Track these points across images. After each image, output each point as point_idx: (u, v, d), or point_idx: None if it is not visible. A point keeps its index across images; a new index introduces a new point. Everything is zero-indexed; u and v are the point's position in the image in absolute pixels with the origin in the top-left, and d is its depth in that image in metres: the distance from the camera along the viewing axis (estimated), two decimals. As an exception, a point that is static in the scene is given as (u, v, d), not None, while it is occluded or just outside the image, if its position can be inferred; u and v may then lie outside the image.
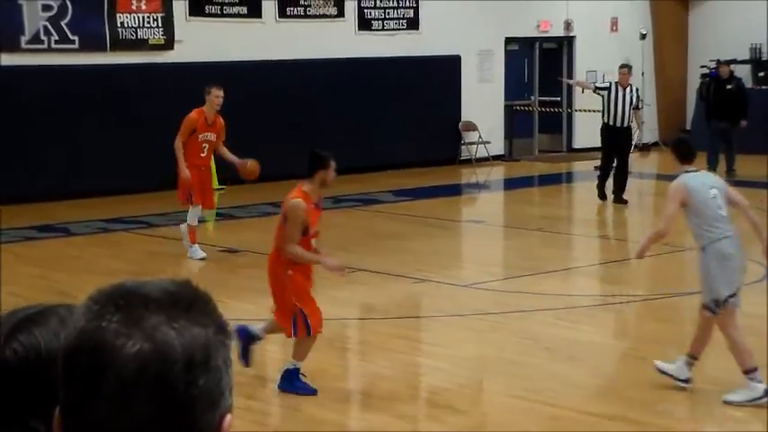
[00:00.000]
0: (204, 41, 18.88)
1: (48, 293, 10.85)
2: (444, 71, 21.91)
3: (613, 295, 11.69)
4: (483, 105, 22.49)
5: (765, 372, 7.82)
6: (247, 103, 18.89)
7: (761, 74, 23.50)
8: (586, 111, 23.24)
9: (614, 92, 17.19)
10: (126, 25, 18.32)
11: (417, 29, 21.72)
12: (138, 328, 1.35)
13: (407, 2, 21.60)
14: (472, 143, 22.31)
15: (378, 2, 21.24)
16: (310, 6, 20.33)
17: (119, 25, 18.23)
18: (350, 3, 20.84)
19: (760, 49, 23.54)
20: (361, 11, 21.02)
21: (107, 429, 1.36)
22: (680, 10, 25.28)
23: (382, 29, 21.35)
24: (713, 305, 7.87)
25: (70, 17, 17.68)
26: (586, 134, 23.76)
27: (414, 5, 21.64)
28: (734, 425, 7.67)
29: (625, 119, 17.21)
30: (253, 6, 19.66)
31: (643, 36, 24.26)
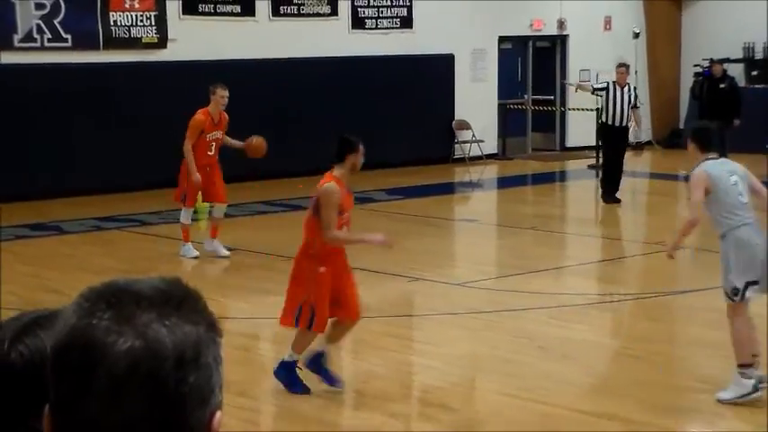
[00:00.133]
0: (197, 40, 18.87)
1: (41, 292, 10.85)
2: (438, 70, 21.92)
3: (606, 294, 11.71)
4: (476, 104, 22.51)
5: (766, 372, 7.80)
6: (240, 102, 18.84)
7: (754, 73, 23.54)
8: (579, 110, 23.26)
9: (612, 91, 17.15)
10: (119, 24, 18.30)
11: (411, 27, 21.72)
12: (130, 326, 1.36)
13: (401, 0, 21.60)
14: (465, 142, 22.32)
15: (371, 0, 21.24)
16: (304, 5, 20.32)
17: (112, 24, 18.21)
18: (343, 1, 20.83)
19: (753, 48, 23.57)
20: (354, 9, 21.02)
21: (98, 426, 1.36)
22: (673, 9, 25.31)
23: (376, 27, 21.35)
24: (732, 293, 7.84)
25: (63, 15, 17.66)
26: (579, 133, 23.82)
27: (407, 4, 21.65)
28: (724, 423, 7.68)
29: (624, 118, 17.15)
30: (246, 5, 19.65)
31: (636, 35, 24.29)
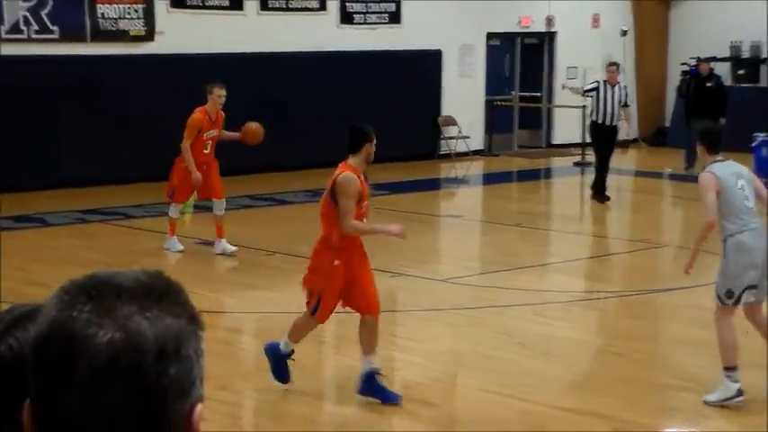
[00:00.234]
0: (185, 33, 18.82)
1: (25, 284, 10.81)
2: (425, 65, 21.91)
3: (590, 291, 11.72)
4: (463, 100, 22.51)
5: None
6: (228, 96, 18.82)
7: (740, 72, 23.59)
8: (566, 107, 23.29)
9: (603, 90, 17.08)
10: (106, 16, 18.24)
11: (399, 23, 21.71)
12: (110, 318, 1.36)
13: (389, -4, 21.59)
14: (452, 138, 22.32)
15: (359, -5, 21.22)
16: (292, -1, 20.30)
17: (99, 16, 18.15)
18: (331, -4, 20.82)
19: (740, 48, 23.62)
20: (342, 4, 20.99)
21: (78, 418, 1.36)
22: (661, 8, 25.35)
23: (364, 22, 21.32)
24: (725, 296, 7.81)
25: (50, 7, 17.59)
26: (566, 130, 23.84)
27: (396, 0, 21.63)
28: (707, 422, 7.70)
29: (614, 117, 17.07)
30: (235, -2, 19.62)
31: (624, 33, 24.32)
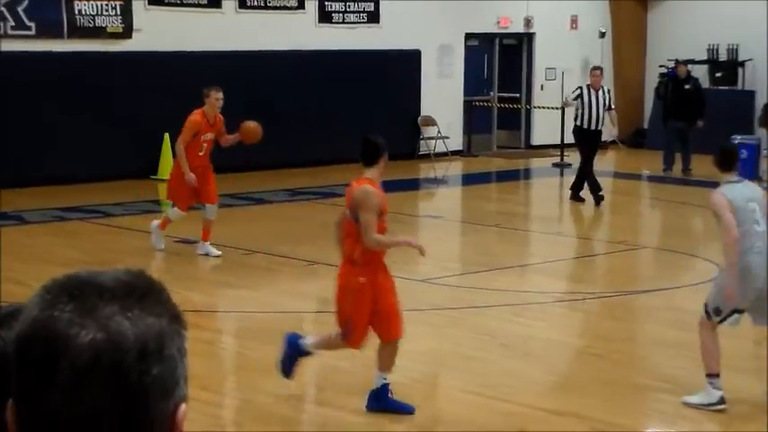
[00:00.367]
0: (163, 31, 18.75)
1: (3, 282, 10.73)
2: (404, 65, 21.91)
3: (569, 292, 11.74)
4: (442, 100, 22.53)
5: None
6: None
7: (718, 74, 23.70)
8: (545, 108, 23.35)
9: (586, 95, 17.05)
10: (84, 13, 18.15)
11: (378, 22, 21.70)
12: (92, 318, 1.36)
13: (368, -5, 21.57)
14: (431, 138, 22.34)
15: (339, -5, 21.20)
16: (271, -2, 20.26)
17: (76, 12, 18.06)
18: (311, -5, 20.79)
19: (717, 50, 23.73)
20: (321, 3, 20.96)
21: (61, 418, 1.36)
22: (639, 9, 25.44)
23: (343, 22, 21.31)
24: (713, 312, 7.72)
25: (27, 3, 17.49)
26: (545, 131, 23.90)
27: (375, -1, 21.63)
28: (686, 424, 7.73)
29: (599, 121, 16.99)
30: (213, -4, 19.56)
31: (602, 35, 24.39)
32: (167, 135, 18.50)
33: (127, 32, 18.66)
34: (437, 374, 8.86)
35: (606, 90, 17.38)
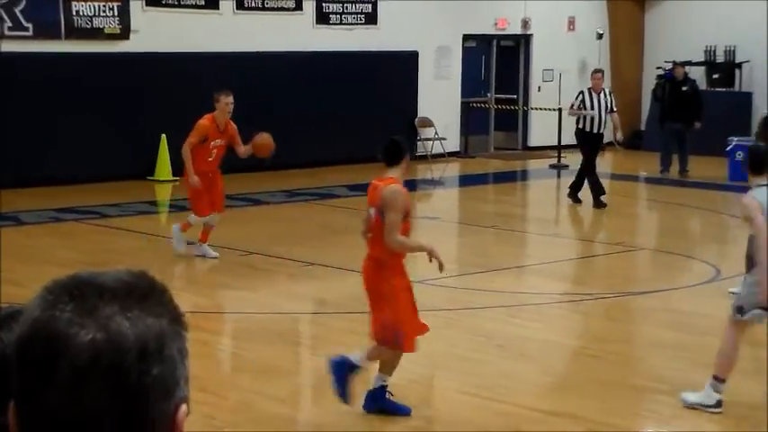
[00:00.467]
0: (160, 32, 18.76)
1: (4, 284, 10.72)
2: (402, 67, 21.92)
3: (565, 294, 11.74)
4: (439, 102, 22.54)
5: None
6: (202, 96, 18.76)
7: (715, 76, 23.72)
8: (542, 109, 23.36)
9: (588, 98, 16.98)
10: (81, 14, 18.15)
11: (375, 24, 21.71)
12: (92, 318, 1.37)
13: (366, -4, 21.59)
14: (428, 139, 22.35)
15: (336, -4, 21.21)
16: (268, -1, 20.26)
17: (74, 13, 18.06)
18: (308, -4, 20.80)
19: (714, 52, 23.75)
20: (319, 4, 20.97)
21: (61, 418, 1.36)
22: (636, 11, 25.46)
23: (340, 23, 21.31)
24: (736, 311, 7.75)
25: (25, 4, 17.49)
26: (542, 132, 23.91)
27: (372, 0, 21.62)
28: (681, 423, 7.73)
29: (602, 124, 16.89)
30: (211, -3, 19.57)
31: (600, 36, 24.41)
32: (164, 136, 18.51)
33: (124, 33, 18.66)
34: (433, 375, 8.86)
35: (608, 92, 17.27)
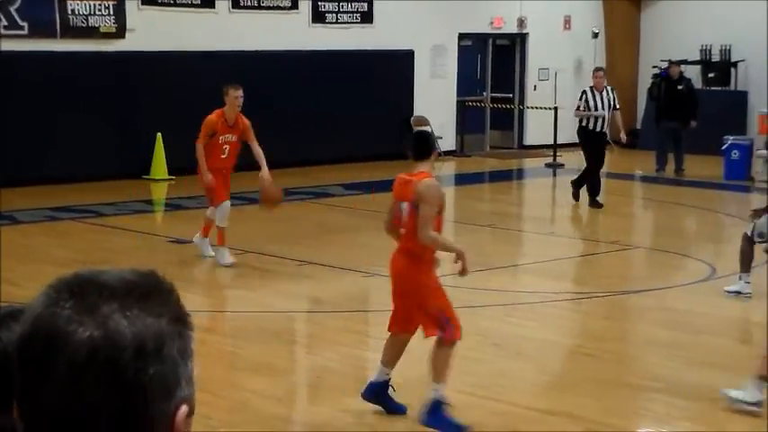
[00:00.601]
0: (156, 31, 18.74)
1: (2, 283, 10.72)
2: (397, 65, 21.92)
3: (561, 292, 11.74)
4: (435, 100, 22.54)
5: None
6: (198, 95, 18.76)
7: (710, 75, 23.74)
8: (538, 108, 23.37)
9: (591, 97, 16.89)
10: (77, 12, 18.13)
11: (371, 23, 21.70)
12: (91, 316, 1.37)
13: (362, -5, 21.58)
14: (424, 138, 22.31)
15: (332, -5, 21.20)
16: (264, -2, 20.25)
17: (69, 12, 18.05)
18: (304, -5, 20.79)
19: (710, 51, 23.76)
20: (314, 3, 20.96)
21: (58, 414, 1.37)
22: (632, 10, 25.46)
23: (336, 22, 21.31)
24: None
25: (20, 3, 17.48)
26: (538, 131, 23.92)
27: (368, -1, 21.63)
28: (676, 422, 7.74)
29: (604, 123, 16.80)
30: (206, -4, 19.56)
31: (595, 35, 24.42)
32: (160, 135, 18.50)
33: (120, 32, 18.65)
34: (428, 373, 8.84)
35: (610, 89, 17.17)
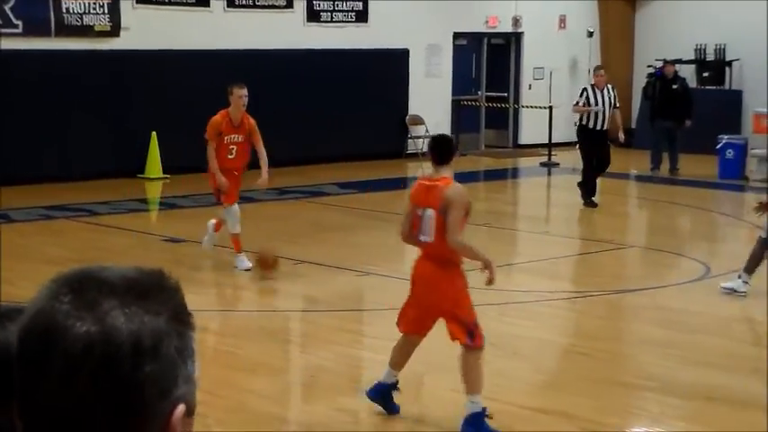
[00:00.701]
0: (151, 29, 18.73)
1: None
2: (392, 64, 21.92)
3: (556, 291, 11.75)
4: (430, 99, 22.54)
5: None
6: (193, 93, 18.76)
7: (705, 74, 23.75)
8: (533, 107, 23.37)
9: (591, 95, 16.90)
10: (71, 11, 18.12)
11: (366, 22, 21.70)
12: (89, 312, 1.38)
13: (357, -6, 21.57)
14: (419, 137, 22.34)
15: (327, -7, 21.19)
16: (259, -4, 20.24)
17: (64, 11, 18.03)
18: (299, -6, 20.78)
19: (704, 50, 23.78)
20: (309, 2, 20.96)
21: (53, 410, 1.37)
22: (627, 9, 25.48)
23: (331, 21, 21.30)
24: None
25: (15, 1, 17.45)
26: (532, 130, 23.92)
27: (363, -2, 21.63)
28: (670, 421, 7.74)
29: (605, 121, 16.80)
30: (201, -5, 19.54)
31: (590, 34, 24.43)
32: (155, 134, 18.49)
33: (115, 31, 18.63)
34: (425, 373, 8.85)
35: (611, 88, 17.16)
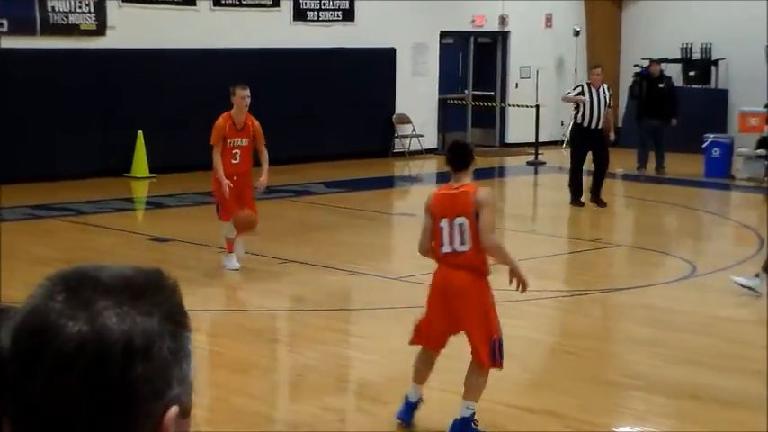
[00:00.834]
0: (137, 28, 18.69)
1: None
2: (379, 63, 21.92)
3: (542, 290, 11.75)
4: (417, 98, 22.54)
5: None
6: (179, 93, 18.73)
7: (691, 73, 23.82)
8: (519, 106, 23.39)
9: (587, 93, 16.88)
10: (57, 9, 18.06)
11: (353, 20, 21.69)
12: (83, 311, 1.37)
13: (343, -7, 21.56)
14: (405, 136, 22.35)
15: (313, -8, 21.18)
16: (245, -5, 20.21)
17: (49, 9, 17.98)
18: (285, -7, 20.76)
19: (690, 50, 23.85)
20: (296, 1, 20.94)
21: (44, 409, 1.37)
22: (613, 8, 25.52)
23: (317, 19, 21.29)
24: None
25: None
26: (519, 129, 23.95)
27: (349, -3, 21.62)
28: (655, 419, 7.75)
29: (600, 120, 16.83)
30: (187, -6, 19.50)
31: (577, 33, 24.47)
32: (141, 133, 18.45)
33: (100, 30, 18.58)
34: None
35: (606, 87, 17.18)
